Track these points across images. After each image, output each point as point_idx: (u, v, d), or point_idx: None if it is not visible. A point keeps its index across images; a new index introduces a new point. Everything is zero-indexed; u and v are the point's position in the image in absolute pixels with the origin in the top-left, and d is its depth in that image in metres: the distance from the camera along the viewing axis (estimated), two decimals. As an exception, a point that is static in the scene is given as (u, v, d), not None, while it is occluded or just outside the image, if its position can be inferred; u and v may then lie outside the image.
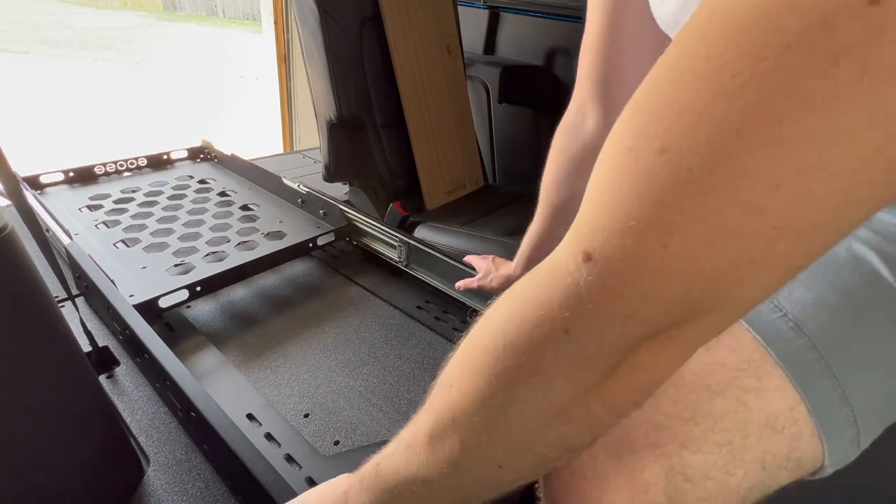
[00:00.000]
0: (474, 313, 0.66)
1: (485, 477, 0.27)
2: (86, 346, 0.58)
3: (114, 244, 0.78)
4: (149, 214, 0.88)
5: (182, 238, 0.81)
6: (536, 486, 0.35)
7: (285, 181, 0.98)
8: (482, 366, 0.25)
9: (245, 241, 0.82)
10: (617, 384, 0.22)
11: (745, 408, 0.29)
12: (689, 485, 0.28)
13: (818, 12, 0.14)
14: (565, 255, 0.21)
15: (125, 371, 0.61)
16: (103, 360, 0.61)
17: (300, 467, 0.51)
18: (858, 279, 0.32)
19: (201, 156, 1.15)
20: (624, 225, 0.19)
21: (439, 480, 0.28)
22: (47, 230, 0.74)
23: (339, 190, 1.31)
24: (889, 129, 0.14)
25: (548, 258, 0.23)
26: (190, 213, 0.90)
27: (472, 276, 0.74)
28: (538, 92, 1.51)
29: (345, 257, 0.94)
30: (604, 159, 0.21)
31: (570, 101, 0.61)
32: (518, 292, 0.24)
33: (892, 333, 0.31)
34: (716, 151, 0.16)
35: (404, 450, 0.30)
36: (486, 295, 0.74)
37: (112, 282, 0.64)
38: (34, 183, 0.92)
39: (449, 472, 0.27)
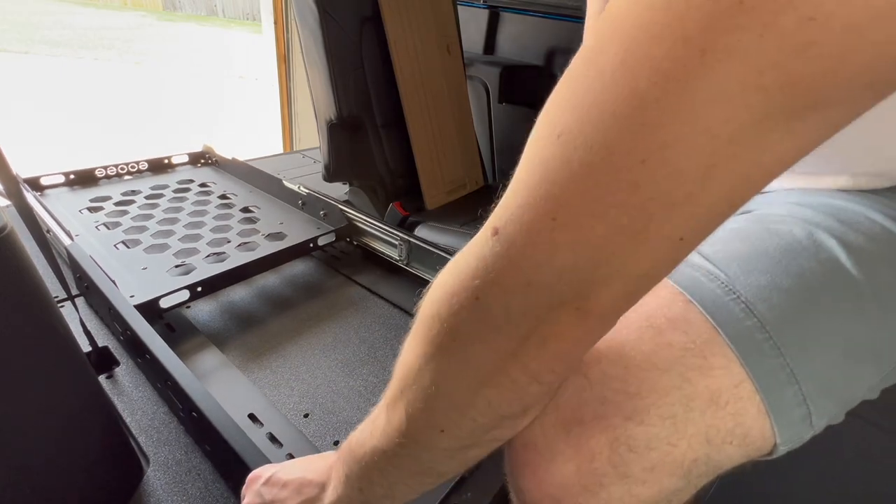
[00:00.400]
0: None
1: (431, 443, 0.29)
2: (86, 347, 0.58)
3: (114, 245, 0.78)
4: (149, 216, 0.88)
5: (183, 239, 0.81)
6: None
7: (286, 183, 0.98)
8: (417, 334, 0.27)
9: (246, 242, 0.82)
10: (532, 352, 0.24)
11: (689, 384, 0.30)
12: (633, 455, 0.29)
13: (672, 12, 0.16)
14: (481, 231, 0.24)
15: (125, 371, 0.61)
16: (103, 361, 0.61)
17: (300, 468, 0.51)
18: (816, 265, 0.33)
19: (202, 160, 1.15)
20: (523, 201, 0.21)
21: (394, 449, 0.30)
22: (48, 231, 0.74)
23: (339, 190, 1.31)
24: (732, 104, 0.16)
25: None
26: (191, 214, 0.90)
27: None
28: (538, 92, 1.51)
29: (345, 257, 0.94)
30: (524, 152, 0.23)
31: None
32: (448, 266, 0.26)
33: (847, 317, 0.32)
34: (596, 132, 0.19)
35: (370, 422, 0.33)
36: None
37: (113, 282, 0.64)
38: (35, 184, 0.92)
39: (400, 440, 0.30)
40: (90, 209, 0.88)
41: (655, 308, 0.33)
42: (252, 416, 0.57)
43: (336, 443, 0.55)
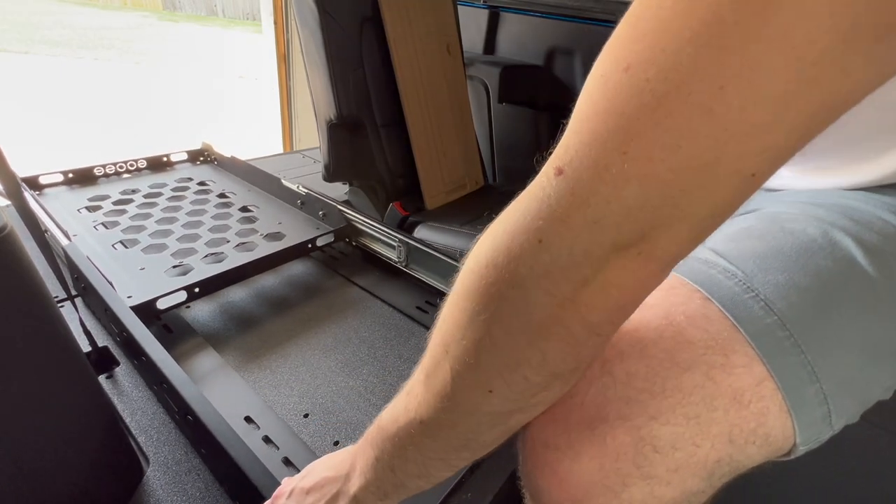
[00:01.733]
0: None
1: (477, 406, 0.28)
2: (85, 347, 0.57)
3: (112, 245, 0.78)
4: (148, 216, 0.88)
5: (181, 239, 0.81)
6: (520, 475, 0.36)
7: (284, 182, 0.98)
8: (469, 288, 0.26)
9: (244, 242, 0.82)
10: (592, 299, 0.23)
11: (713, 383, 0.30)
12: (657, 455, 0.29)
13: None
14: (540, 175, 0.23)
15: (125, 371, 0.61)
16: (103, 361, 0.60)
17: (298, 470, 0.51)
18: (832, 264, 0.33)
19: (201, 158, 1.15)
20: (590, 137, 0.21)
21: (435, 418, 0.29)
22: (46, 231, 0.74)
23: (338, 190, 1.31)
24: (818, 23, 0.16)
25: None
26: (189, 214, 0.90)
27: None
28: (538, 92, 1.51)
29: (344, 258, 0.94)
30: (582, 92, 0.23)
31: None
32: (500, 216, 0.25)
33: (865, 316, 0.32)
34: (670, 59, 0.18)
35: (403, 397, 0.32)
36: None
37: (110, 283, 0.64)
38: (33, 184, 0.92)
39: (443, 405, 0.28)
40: (89, 208, 0.88)
41: (673, 305, 0.33)
42: (248, 419, 0.57)
43: (336, 443, 0.55)
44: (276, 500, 0.41)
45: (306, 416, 0.58)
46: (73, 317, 0.57)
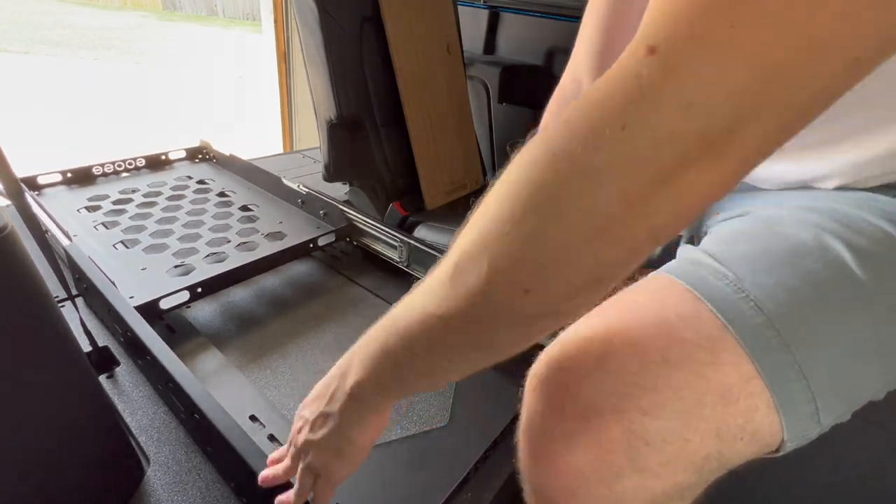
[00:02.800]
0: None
1: (508, 306, 0.26)
2: (86, 347, 0.57)
3: (113, 245, 0.78)
4: (148, 215, 0.88)
5: (182, 239, 0.81)
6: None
7: (285, 181, 0.98)
8: (528, 179, 0.24)
9: (245, 242, 0.82)
10: (662, 201, 0.22)
11: (702, 380, 0.30)
12: (648, 449, 0.30)
13: None
14: (627, 57, 0.21)
15: (125, 371, 0.61)
16: (103, 360, 0.60)
17: (301, 468, 0.51)
18: (823, 266, 0.33)
19: (200, 156, 1.15)
20: (689, 10, 0.19)
21: (458, 315, 0.27)
22: (46, 231, 0.74)
23: (339, 190, 1.31)
24: None
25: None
26: (189, 213, 0.90)
27: None
28: (538, 92, 1.51)
29: (345, 258, 0.94)
30: None
31: (566, 70, 0.67)
32: (574, 105, 0.23)
33: (854, 317, 0.33)
34: None
35: (421, 294, 0.29)
36: None
37: (112, 283, 0.64)
38: (32, 184, 0.92)
39: (470, 302, 0.26)
40: (88, 208, 0.88)
41: (666, 306, 0.34)
42: (253, 417, 0.57)
43: (336, 443, 0.55)
44: (291, 441, 0.40)
45: (307, 415, 0.58)
46: (74, 317, 0.56)
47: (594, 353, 0.33)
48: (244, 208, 0.94)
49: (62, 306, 0.45)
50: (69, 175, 0.96)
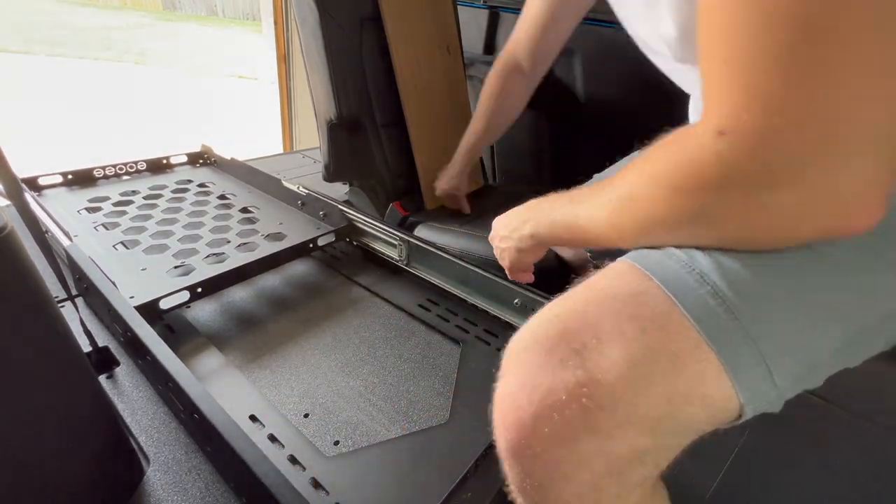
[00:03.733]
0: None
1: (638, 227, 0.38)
2: (86, 347, 0.58)
3: (113, 246, 0.78)
4: (148, 217, 0.88)
5: (182, 240, 0.81)
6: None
7: (285, 183, 0.98)
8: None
9: (245, 243, 0.82)
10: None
11: (652, 350, 0.33)
12: (602, 412, 0.33)
13: None
14: (699, 131, 0.33)
15: (125, 371, 0.61)
16: (103, 361, 0.61)
17: (304, 468, 0.51)
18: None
19: (201, 160, 1.15)
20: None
21: (618, 225, 0.40)
22: (46, 232, 0.74)
23: (339, 190, 1.31)
24: None
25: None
26: (190, 215, 0.90)
27: (475, 273, 0.75)
28: (538, 92, 1.51)
29: (345, 258, 0.94)
30: (710, 66, 0.31)
31: (505, 47, 0.99)
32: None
33: (806, 277, 0.35)
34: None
35: (589, 197, 0.45)
36: (494, 294, 0.74)
37: (113, 283, 0.64)
38: (32, 184, 0.92)
39: (631, 229, 0.39)
40: (88, 209, 0.88)
41: (618, 285, 0.37)
42: (253, 417, 0.57)
43: (336, 443, 0.55)
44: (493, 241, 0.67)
45: (306, 415, 0.58)
46: (74, 317, 0.57)
47: (555, 331, 0.36)
48: (244, 210, 0.94)
49: (62, 306, 0.45)
50: (70, 177, 0.96)
